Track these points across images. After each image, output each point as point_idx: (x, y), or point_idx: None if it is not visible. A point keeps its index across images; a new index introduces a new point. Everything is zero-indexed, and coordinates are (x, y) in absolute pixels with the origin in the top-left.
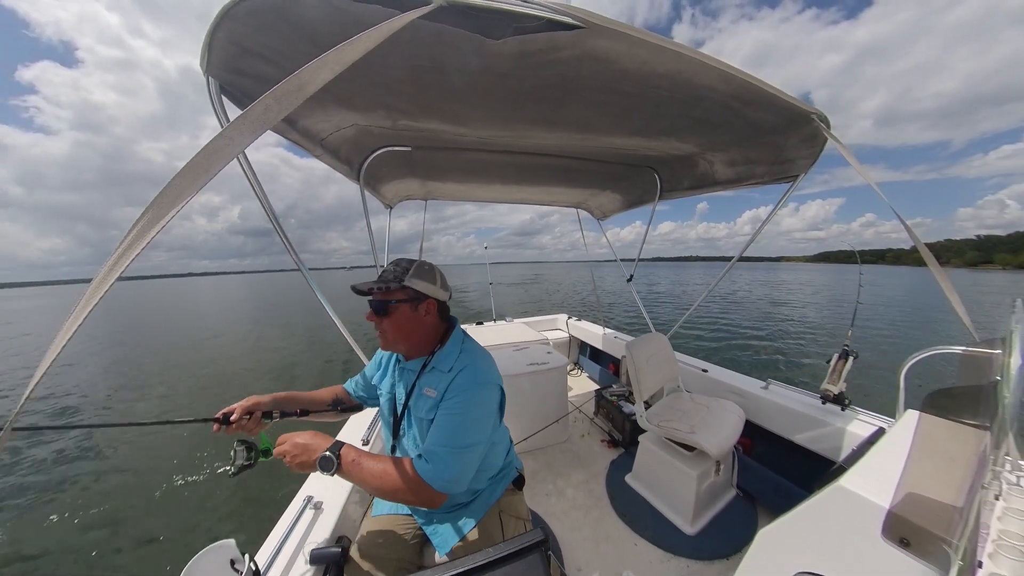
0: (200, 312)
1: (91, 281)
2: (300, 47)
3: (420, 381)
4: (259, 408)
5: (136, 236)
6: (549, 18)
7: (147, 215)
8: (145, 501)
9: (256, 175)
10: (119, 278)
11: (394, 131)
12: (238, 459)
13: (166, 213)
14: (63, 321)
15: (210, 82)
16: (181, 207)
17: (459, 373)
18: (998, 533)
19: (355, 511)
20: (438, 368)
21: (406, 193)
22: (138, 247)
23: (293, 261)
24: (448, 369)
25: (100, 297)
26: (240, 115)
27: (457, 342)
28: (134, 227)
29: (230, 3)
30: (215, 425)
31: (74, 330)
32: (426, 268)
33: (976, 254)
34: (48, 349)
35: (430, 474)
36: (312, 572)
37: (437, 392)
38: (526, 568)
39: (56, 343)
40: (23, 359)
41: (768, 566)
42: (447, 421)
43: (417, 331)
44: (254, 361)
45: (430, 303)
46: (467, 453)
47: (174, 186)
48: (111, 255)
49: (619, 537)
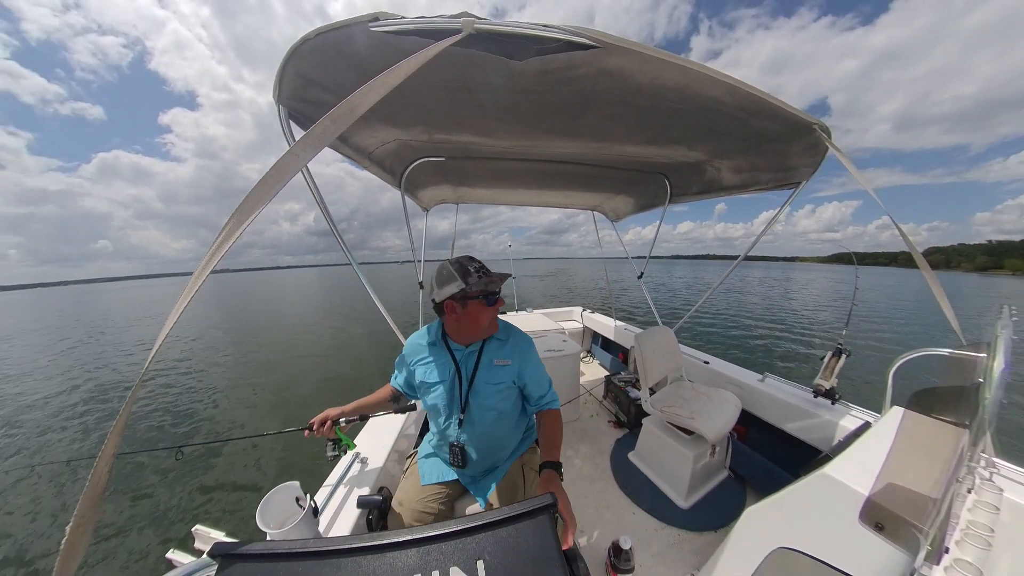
0: (290, 301)
1: (191, 274)
2: (351, 76)
3: (485, 355)
4: (330, 418)
5: (224, 237)
6: (567, 40)
7: (232, 220)
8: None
9: (317, 186)
10: (213, 271)
11: (430, 144)
12: (328, 452)
13: (247, 218)
14: (172, 307)
15: (280, 110)
16: (258, 213)
17: (516, 340)
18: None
19: (394, 468)
20: (500, 338)
21: (440, 197)
22: (226, 246)
23: (351, 257)
24: (507, 338)
25: (198, 287)
26: (303, 135)
27: (505, 322)
28: (223, 230)
29: (297, 43)
30: (306, 431)
31: (179, 313)
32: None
33: (987, 259)
34: (161, 329)
35: (556, 403)
36: (359, 514)
37: (511, 360)
38: (536, 526)
39: (167, 324)
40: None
41: (752, 540)
42: (536, 369)
43: (495, 318)
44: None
45: None
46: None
47: (253, 196)
48: (207, 253)
49: (619, 506)
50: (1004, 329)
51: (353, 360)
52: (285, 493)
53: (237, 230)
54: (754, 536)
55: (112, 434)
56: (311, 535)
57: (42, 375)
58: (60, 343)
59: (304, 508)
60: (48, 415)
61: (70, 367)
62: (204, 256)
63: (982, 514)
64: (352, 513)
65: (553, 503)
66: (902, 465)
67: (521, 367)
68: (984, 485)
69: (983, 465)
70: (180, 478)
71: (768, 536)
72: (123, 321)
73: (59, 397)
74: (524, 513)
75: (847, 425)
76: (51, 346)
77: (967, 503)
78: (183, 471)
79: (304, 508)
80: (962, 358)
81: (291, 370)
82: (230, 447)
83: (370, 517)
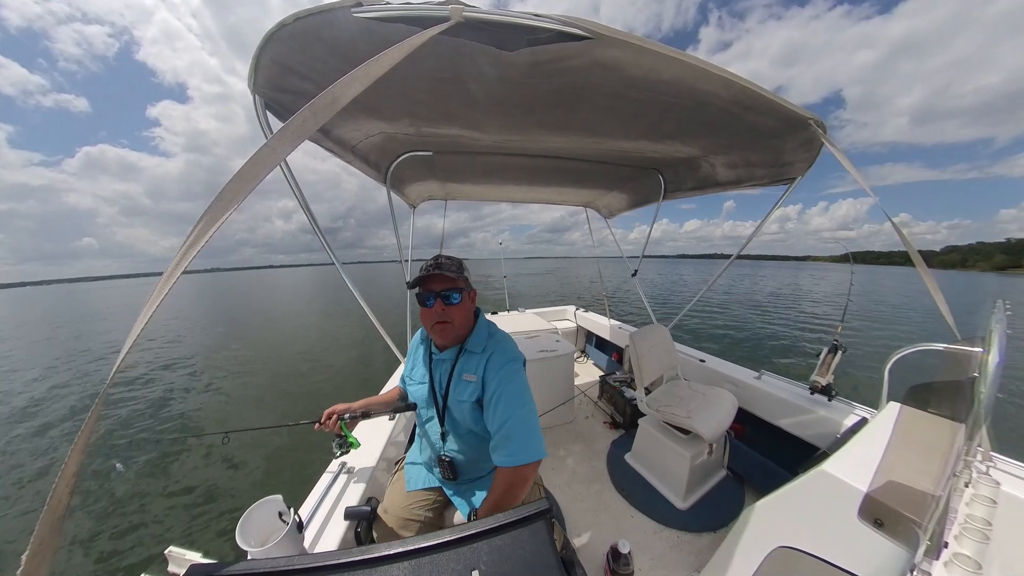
0: (286, 300)
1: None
2: (333, 64)
3: (458, 367)
4: (336, 413)
5: (196, 236)
6: (559, 30)
7: (205, 218)
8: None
9: (298, 182)
10: (184, 271)
11: (417, 137)
12: (335, 449)
13: (220, 216)
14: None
15: (256, 99)
16: (232, 211)
17: (492, 354)
18: (965, 517)
19: (383, 476)
20: (472, 350)
21: (428, 194)
22: (198, 246)
23: (341, 257)
24: (481, 350)
25: (169, 288)
26: (281, 127)
27: (484, 326)
28: (195, 229)
29: (274, 28)
30: (316, 424)
31: (150, 315)
32: (465, 263)
33: (1005, 258)
34: (130, 331)
35: (512, 458)
36: (346, 527)
37: (476, 376)
38: (532, 532)
39: (136, 326)
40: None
41: (752, 539)
42: (514, 400)
43: (467, 318)
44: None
45: (473, 292)
46: (530, 417)
47: (227, 192)
48: (177, 253)
49: (617, 509)
50: (998, 323)
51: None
52: (267, 508)
53: (210, 229)
54: (754, 536)
55: (73, 452)
56: (295, 552)
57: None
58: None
59: (288, 523)
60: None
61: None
62: (176, 255)
63: (980, 508)
64: (339, 526)
65: (548, 508)
66: (899, 461)
67: (486, 385)
68: (981, 479)
69: (980, 459)
70: (149, 490)
71: (768, 535)
72: (107, 322)
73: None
74: (518, 520)
75: (844, 421)
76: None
77: (965, 497)
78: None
79: (288, 523)
80: (957, 353)
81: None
82: (215, 453)
83: (358, 530)
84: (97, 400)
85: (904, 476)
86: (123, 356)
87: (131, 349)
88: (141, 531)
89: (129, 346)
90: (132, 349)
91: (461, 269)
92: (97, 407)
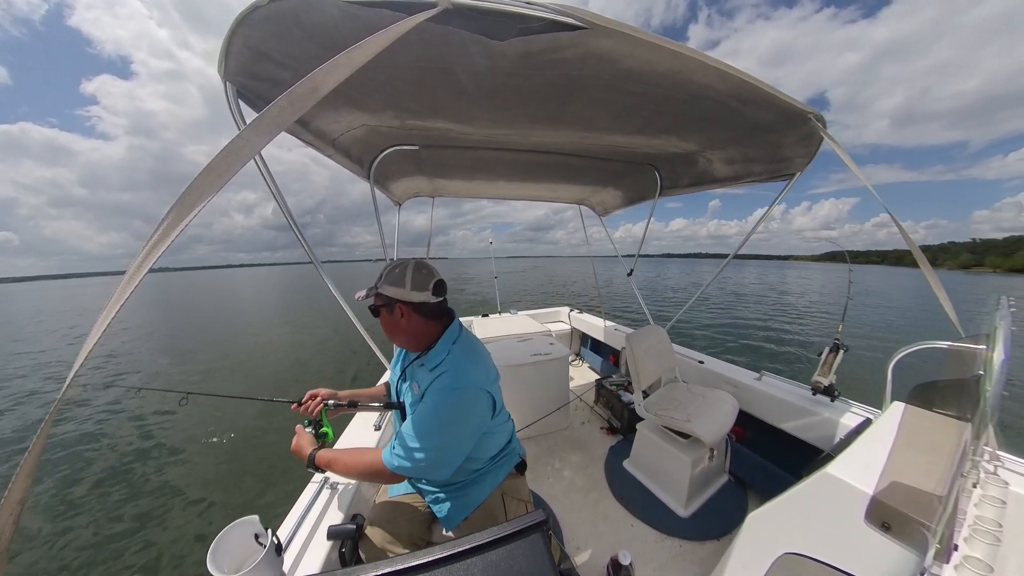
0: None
1: (124, 274)
2: (312, 51)
3: (407, 373)
4: (320, 398)
5: (163, 233)
6: (552, 19)
7: (172, 214)
8: None
9: (272, 176)
10: (150, 270)
11: (402, 131)
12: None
13: (189, 212)
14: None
15: (227, 87)
16: (203, 206)
17: (440, 376)
18: (974, 519)
19: (368, 490)
20: (426, 365)
21: (414, 190)
22: (165, 243)
23: (314, 255)
24: (432, 368)
25: (133, 289)
26: (256, 118)
27: (447, 342)
28: (161, 225)
29: (246, 10)
30: (294, 404)
31: (111, 318)
32: (396, 272)
33: (970, 257)
34: (88, 336)
35: (387, 457)
36: (329, 547)
37: (420, 388)
38: (529, 546)
39: (95, 330)
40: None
41: (757, 547)
42: (417, 418)
43: (400, 333)
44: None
45: (402, 307)
46: (429, 452)
47: (196, 186)
48: (141, 251)
49: (616, 518)
50: (1003, 320)
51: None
52: (242, 530)
53: (179, 224)
54: (758, 543)
55: (18, 477)
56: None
57: None
58: None
59: (265, 546)
60: None
61: None
62: (139, 254)
63: (989, 509)
64: (322, 547)
65: (545, 520)
66: (905, 462)
67: (421, 402)
68: (989, 479)
69: (987, 459)
70: (110, 508)
71: (773, 542)
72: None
73: None
74: (515, 533)
75: (847, 422)
76: None
77: (973, 498)
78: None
79: (265, 546)
80: (961, 350)
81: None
82: (171, 471)
83: (343, 550)
84: (47, 417)
85: (910, 477)
86: (77, 368)
87: (88, 356)
88: (103, 557)
89: (86, 354)
90: (88, 356)
91: (377, 283)
92: (47, 425)
